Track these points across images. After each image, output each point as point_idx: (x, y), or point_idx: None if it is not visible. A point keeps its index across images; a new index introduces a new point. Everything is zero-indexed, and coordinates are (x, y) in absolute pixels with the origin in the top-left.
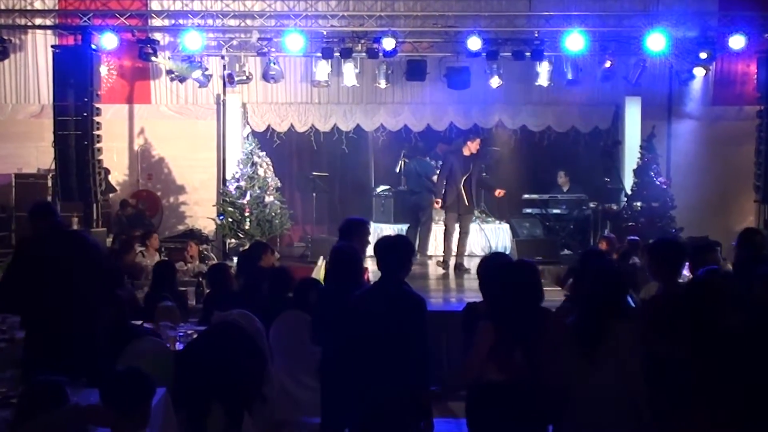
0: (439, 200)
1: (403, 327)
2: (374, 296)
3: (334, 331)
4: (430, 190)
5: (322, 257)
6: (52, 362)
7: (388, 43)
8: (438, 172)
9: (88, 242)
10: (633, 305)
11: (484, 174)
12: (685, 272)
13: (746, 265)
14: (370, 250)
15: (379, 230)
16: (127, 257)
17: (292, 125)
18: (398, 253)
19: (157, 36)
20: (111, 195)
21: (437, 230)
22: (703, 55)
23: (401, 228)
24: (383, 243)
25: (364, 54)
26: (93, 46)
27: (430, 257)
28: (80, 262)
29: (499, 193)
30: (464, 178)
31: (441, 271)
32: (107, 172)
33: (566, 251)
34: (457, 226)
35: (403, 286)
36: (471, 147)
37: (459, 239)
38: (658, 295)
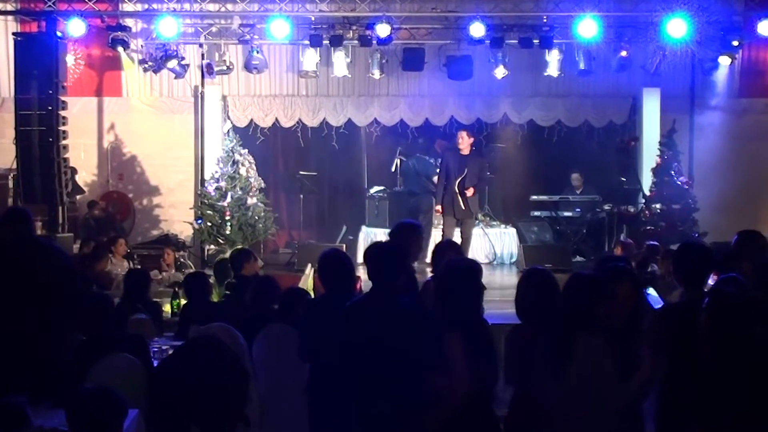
0: (440, 207)
1: (398, 341)
2: (366, 308)
3: (323, 346)
4: (430, 192)
5: (310, 265)
6: (11, 381)
7: (383, 30)
8: (436, 170)
9: (56, 257)
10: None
11: (490, 174)
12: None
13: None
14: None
15: (372, 235)
16: (98, 265)
17: (277, 120)
18: (390, 261)
19: (129, 22)
20: (78, 197)
21: (437, 236)
22: (729, 43)
23: None
24: (374, 250)
25: (356, 42)
26: (58, 34)
27: (430, 265)
28: (43, 278)
29: (468, 191)
30: (459, 179)
31: None
32: (74, 171)
33: (578, 258)
34: (457, 231)
35: (397, 297)
36: (459, 141)
37: (462, 243)
38: (675, 305)
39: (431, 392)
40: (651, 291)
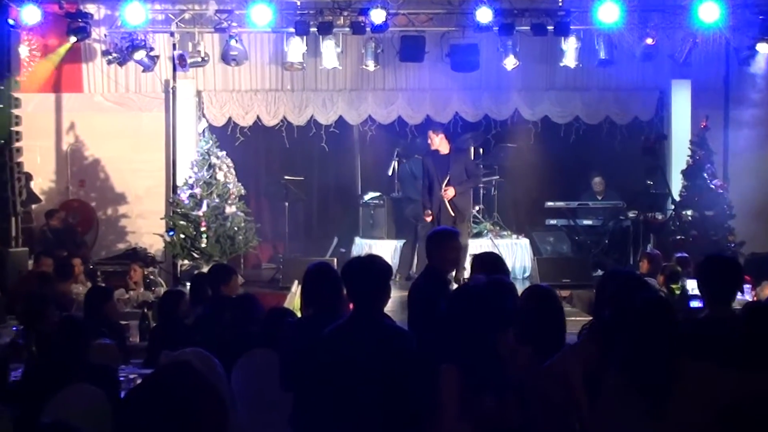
0: (429, 212)
1: (384, 369)
2: (347, 333)
3: (306, 374)
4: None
5: (296, 282)
6: None
7: (378, 16)
8: None
9: None
10: None
11: (498, 178)
12: (747, 296)
13: None
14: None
15: (367, 247)
16: (63, 285)
17: (258, 118)
18: (372, 279)
19: (91, 8)
20: (34, 206)
21: None
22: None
23: (396, 244)
24: (353, 267)
25: (347, 29)
26: (10, 21)
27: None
28: None
29: (445, 193)
30: (444, 183)
31: None
32: (29, 177)
33: (600, 272)
34: None
35: (383, 320)
36: (436, 142)
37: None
38: (698, 322)
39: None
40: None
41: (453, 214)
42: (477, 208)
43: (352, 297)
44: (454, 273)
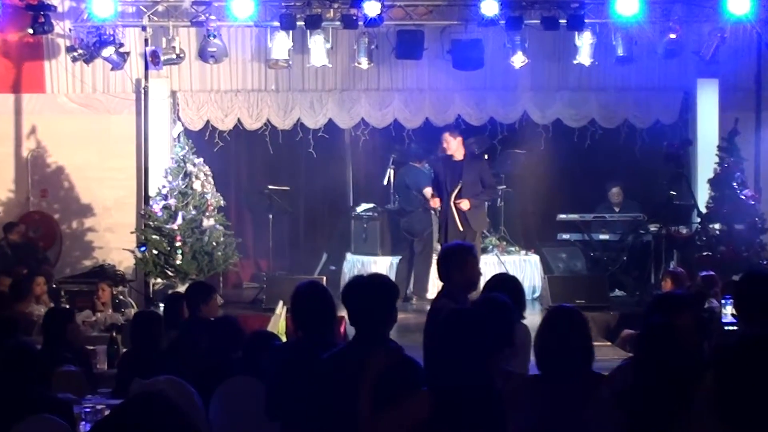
0: (435, 198)
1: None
2: (349, 360)
3: (294, 401)
4: (425, 209)
5: (281, 303)
6: None
7: (371, 8)
8: (431, 182)
9: None
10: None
11: (504, 188)
12: None
13: None
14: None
15: (359, 264)
16: (19, 305)
17: (239, 122)
18: (377, 300)
19: (54, 0)
20: None
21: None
22: None
23: (391, 261)
24: (356, 286)
25: (338, 23)
26: None
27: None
28: None
29: (460, 204)
30: (455, 192)
31: None
32: None
33: (618, 292)
34: None
35: (389, 345)
36: (444, 146)
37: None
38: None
39: None
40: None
41: (462, 229)
42: (501, 231)
43: (355, 320)
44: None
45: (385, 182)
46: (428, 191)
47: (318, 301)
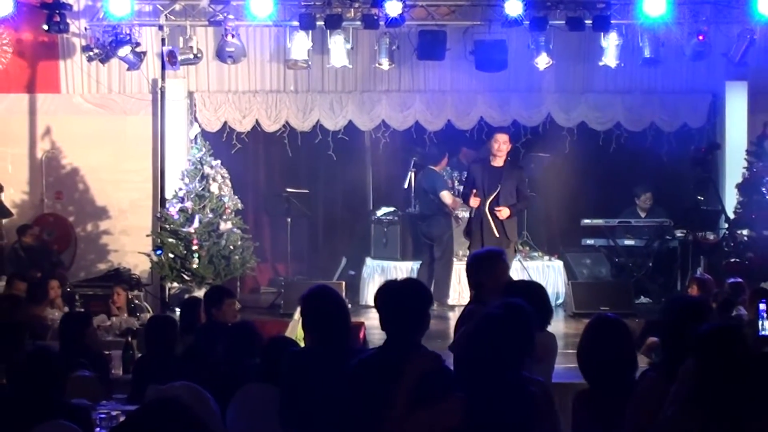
0: (476, 198)
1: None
2: (382, 366)
3: (308, 410)
4: (445, 213)
5: (300, 308)
6: None
7: (393, 8)
8: (449, 185)
9: None
10: None
11: (529, 192)
12: None
13: None
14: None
15: (379, 269)
16: (36, 309)
17: (257, 123)
18: (411, 305)
19: None
20: (5, 221)
21: (461, 269)
22: None
23: (412, 266)
24: (388, 291)
25: (358, 23)
26: None
27: (453, 308)
28: None
29: (499, 212)
30: (491, 198)
31: None
32: None
33: (643, 299)
34: None
35: (424, 351)
36: (496, 147)
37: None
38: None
39: None
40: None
41: (498, 236)
42: (524, 236)
43: (387, 325)
44: None
45: (406, 185)
46: (446, 194)
47: (327, 305)
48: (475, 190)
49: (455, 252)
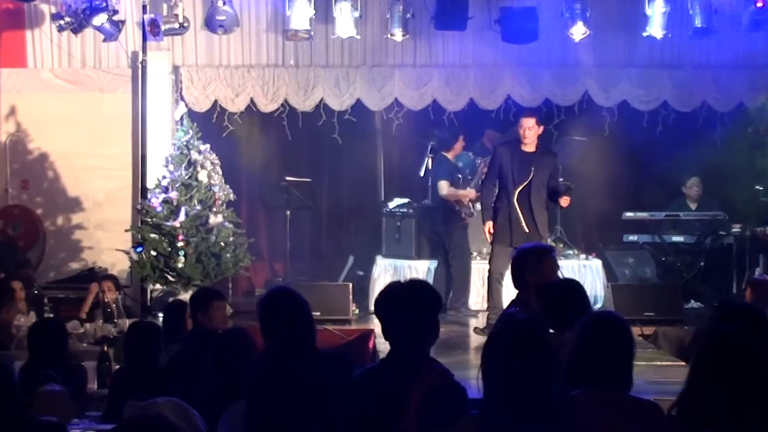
0: (489, 225)
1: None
2: (385, 381)
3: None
4: (450, 207)
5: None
6: None
7: None
8: (454, 174)
9: None
10: None
11: (563, 181)
12: None
13: None
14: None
15: (391, 269)
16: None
17: (252, 102)
18: (417, 311)
19: None
20: None
21: (483, 269)
22: None
23: (429, 266)
24: (390, 294)
25: None
26: None
27: (476, 314)
28: None
29: (564, 201)
30: (521, 188)
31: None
32: None
33: (693, 303)
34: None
35: (432, 365)
36: (522, 133)
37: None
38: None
39: None
40: None
41: (528, 231)
42: (558, 231)
43: (390, 334)
44: (486, 319)
45: (422, 173)
46: (442, 184)
47: (284, 308)
48: (489, 226)
49: (479, 249)
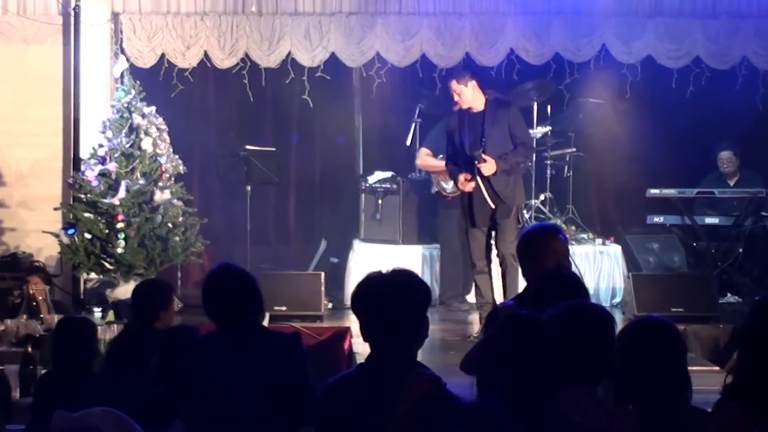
0: (466, 177)
1: None
2: (366, 388)
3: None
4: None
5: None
6: None
7: None
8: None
9: None
10: None
11: (573, 151)
12: None
13: None
14: None
15: (371, 255)
16: None
17: (207, 56)
18: (402, 306)
19: None
20: None
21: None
22: None
23: (418, 251)
24: (370, 287)
25: None
26: None
27: (472, 308)
28: None
29: (482, 167)
30: (477, 154)
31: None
32: None
33: (730, 297)
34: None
35: (419, 371)
36: (465, 95)
37: (503, 273)
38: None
39: None
40: None
41: (493, 206)
42: (543, 197)
43: (370, 334)
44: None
45: (409, 142)
46: (420, 152)
47: (231, 288)
48: (465, 177)
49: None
